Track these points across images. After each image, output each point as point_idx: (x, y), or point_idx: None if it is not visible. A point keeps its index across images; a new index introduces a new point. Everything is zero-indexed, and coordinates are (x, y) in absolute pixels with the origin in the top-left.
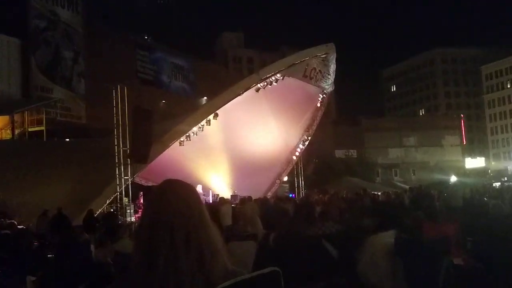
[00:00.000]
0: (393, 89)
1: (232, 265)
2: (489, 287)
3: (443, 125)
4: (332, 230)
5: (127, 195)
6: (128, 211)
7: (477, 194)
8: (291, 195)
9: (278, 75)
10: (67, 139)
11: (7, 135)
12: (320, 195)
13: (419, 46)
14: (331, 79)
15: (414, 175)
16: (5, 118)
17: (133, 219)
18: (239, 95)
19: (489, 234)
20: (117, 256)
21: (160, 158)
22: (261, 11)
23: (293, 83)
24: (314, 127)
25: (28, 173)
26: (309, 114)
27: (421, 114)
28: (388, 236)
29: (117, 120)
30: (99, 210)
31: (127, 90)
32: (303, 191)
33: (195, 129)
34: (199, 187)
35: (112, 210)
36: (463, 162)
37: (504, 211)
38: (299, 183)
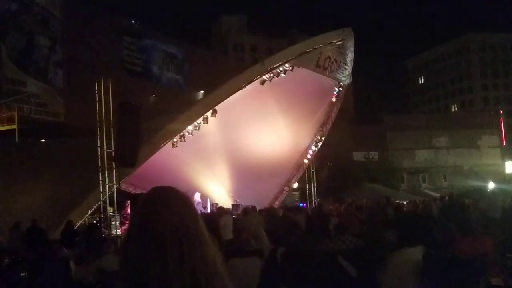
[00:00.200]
0: (421, 81)
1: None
2: None
3: (479, 123)
4: (349, 245)
5: (112, 204)
6: (113, 222)
7: None
8: (301, 205)
9: (286, 65)
10: (43, 140)
11: None
12: (335, 205)
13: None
14: (349, 69)
15: (445, 181)
16: None
17: (118, 232)
18: (241, 88)
19: None
20: (100, 274)
21: (150, 161)
22: None
23: (304, 74)
24: (328, 126)
25: None
26: (322, 110)
27: (453, 110)
28: (415, 252)
29: (100, 117)
30: (80, 221)
31: (111, 82)
32: (315, 200)
33: (190, 128)
34: (197, 195)
35: (94, 221)
36: (503, 166)
37: None
38: (311, 191)
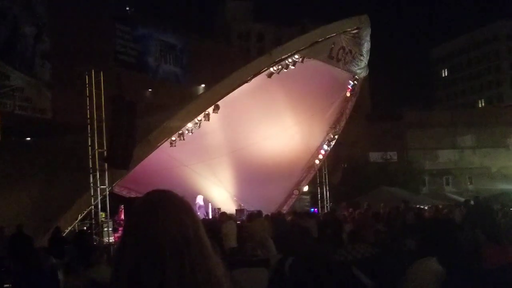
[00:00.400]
0: (445, 73)
1: None
2: None
3: (509, 120)
4: (365, 254)
5: (104, 209)
6: (105, 229)
7: None
8: (312, 210)
9: (296, 56)
10: (28, 138)
11: None
12: (350, 210)
13: (479, 17)
14: (365, 61)
15: (470, 184)
16: None
17: (111, 239)
18: (246, 82)
19: None
20: (91, 286)
21: (145, 162)
22: None
23: (315, 66)
24: (342, 123)
25: None
26: (336, 106)
27: (480, 105)
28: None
29: (91, 113)
30: (69, 228)
31: (103, 75)
32: (328, 205)
33: (190, 125)
34: (199, 198)
35: (85, 228)
36: None
37: None
38: (323, 195)
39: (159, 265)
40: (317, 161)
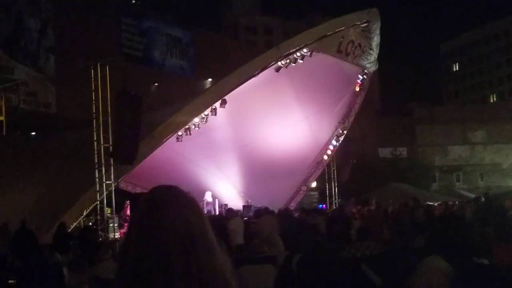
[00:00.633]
0: (455, 68)
1: None
2: None
3: None
4: (373, 251)
5: (109, 205)
6: (110, 225)
7: None
8: (320, 207)
9: (304, 50)
10: (33, 133)
11: None
12: (358, 207)
13: (490, 12)
14: (374, 55)
15: (481, 180)
16: None
17: (117, 235)
18: (253, 76)
19: None
20: (96, 282)
21: (151, 157)
22: None
23: (324, 60)
24: (351, 118)
25: None
26: (344, 101)
27: (492, 101)
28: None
29: (97, 108)
30: (74, 223)
31: (109, 69)
32: (336, 202)
33: (196, 120)
34: (207, 195)
35: (90, 224)
36: None
37: None
38: (332, 191)
39: (164, 262)
40: (326, 157)
